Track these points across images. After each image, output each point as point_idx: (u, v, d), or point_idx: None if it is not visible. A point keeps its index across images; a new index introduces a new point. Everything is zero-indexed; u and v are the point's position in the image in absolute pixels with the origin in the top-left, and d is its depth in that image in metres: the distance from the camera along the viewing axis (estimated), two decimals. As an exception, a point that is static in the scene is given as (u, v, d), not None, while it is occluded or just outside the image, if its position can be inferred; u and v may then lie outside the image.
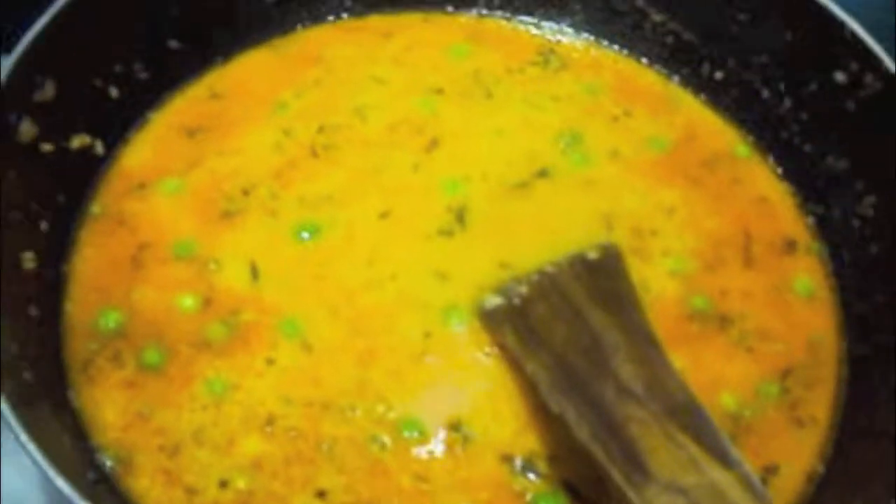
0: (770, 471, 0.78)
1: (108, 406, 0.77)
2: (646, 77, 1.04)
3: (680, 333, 0.84)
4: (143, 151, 0.93)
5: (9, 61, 0.80)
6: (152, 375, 0.79)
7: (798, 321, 0.87)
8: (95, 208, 0.88)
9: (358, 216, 0.89)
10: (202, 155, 0.92)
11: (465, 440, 0.77)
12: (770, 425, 0.81)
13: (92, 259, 0.85)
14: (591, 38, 1.06)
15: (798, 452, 0.80)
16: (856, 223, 0.90)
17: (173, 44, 0.97)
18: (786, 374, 0.83)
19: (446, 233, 0.88)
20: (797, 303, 0.88)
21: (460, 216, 0.89)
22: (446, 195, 0.91)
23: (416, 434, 0.77)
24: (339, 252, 0.86)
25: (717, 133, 1.00)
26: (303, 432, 0.77)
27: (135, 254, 0.85)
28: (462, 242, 0.88)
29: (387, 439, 0.77)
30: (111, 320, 0.81)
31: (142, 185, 0.90)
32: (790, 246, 0.92)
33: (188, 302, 0.83)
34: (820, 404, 0.83)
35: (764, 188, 0.96)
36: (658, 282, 0.87)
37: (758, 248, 0.91)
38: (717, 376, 0.82)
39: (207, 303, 0.83)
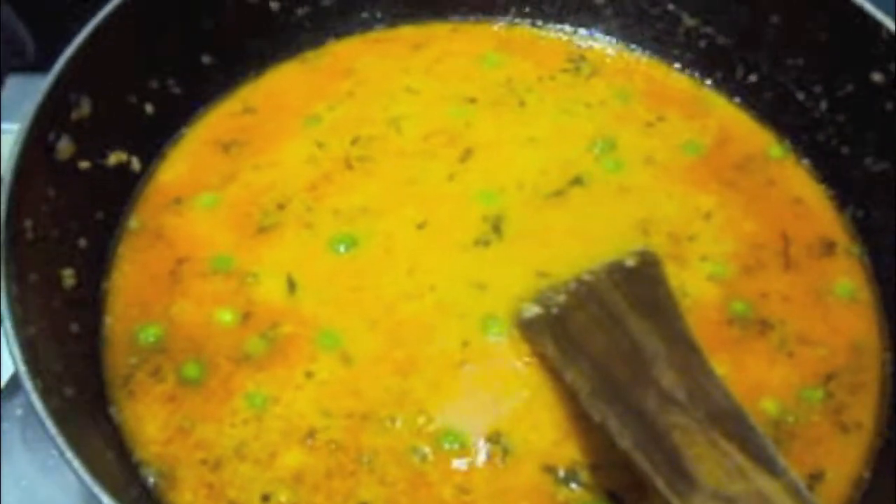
0: (815, 477, 0.77)
1: (149, 420, 0.77)
2: (677, 81, 1.04)
3: (720, 339, 0.83)
4: (178, 166, 0.94)
5: (46, 80, 0.80)
6: (192, 390, 0.79)
7: (840, 325, 0.86)
8: (133, 223, 0.89)
9: (394, 227, 0.89)
10: (237, 169, 0.93)
11: (506, 450, 0.77)
12: (814, 431, 0.80)
13: (131, 274, 0.86)
14: (622, 43, 1.06)
15: (844, 458, 0.79)
16: (896, 225, 0.89)
17: (206, 59, 0.97)
18: (829, 378, 0.82)
19: (483, 242, 0.88)
20: (838, 306, 0.87)
21: (496, 226, 0.89)
22: (482, 205, 0.90)
23: (456, 445, 0.77)
24: (376, 263, 0.86)
25: (751, 135, 1.00)
26: (343, 445, 0.76)
27: (173, 268, 0.86)
28: (499, 252, 0.88)
29: (427, 451, 0.76)
30: (150, 335, 0.82)
31: (178, 200, 0.91)
32: (829, 247, 0.91)
33: (227, 316, 0.83)
34: (865, 409, 0.81)
35: (799, 189, 0.95)
36: (697, 287, 0.86)
37: (796, 250, 0.90)
38: (759, 382, 0.81)
39: (246, 317, 0.83)
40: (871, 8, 0.88)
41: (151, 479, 0.75)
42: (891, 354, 0.85)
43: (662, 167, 0.95)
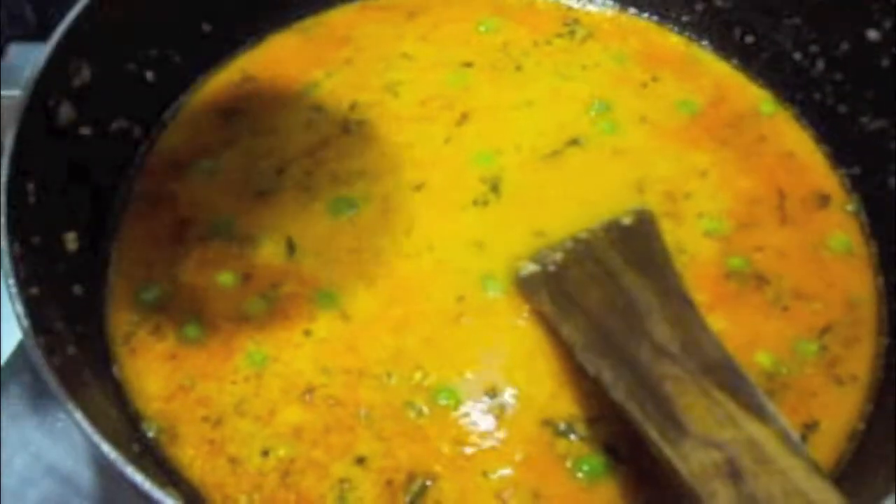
0: (810, 428, 0.78)
1: (150, 378, 0.79)
2: (675, 43, 1.04)
3: (717, 294, 0.84)
4: (179, 133, 0.95)
5: (46, 47, 0.81)
6: (193, 348, 0.80)
7: (835, 279, 0.86)
8: (135, 188, 0.91)
9: (392, 190, 0.89)
10: (237, 135, 0.94)
11: (504, 405, 0.78)
12: (808, 383, 0.80)
13: (133, 236, 0.87)
14: (617, 6, 1.06)
15: (838, 410, 0.79)
16: (893, 182, 0.89)
17: (206, 27, 0.98)
18: (823, 332, 0.83)
19: (481, 203, 0.89)
20: (833, 259, 0.88)
21: (494, 186, 0.90)
22: (479, 166, 0.91)
23: (451, 401, 0.77)
24: (374, 225, 0.87)
25: (743, 92, 1.00)
26: (341, 400, 0.78)
27: (175, 231, 0.87)
28: (497, 212, 0.89)
29: (423, 406, 0.77)
30: (152, 294, 0.83)
31: (179, 165, 0.92)
32: (823, 200, 0.91)
33: (227, 278, 0.84)
34: (860, 362, 0.82)
35: (790, 143, 0.96)
36: (694, 243, 0.87)
37: (791, 204, 0.90)
38: (755, 335, 0.82)
39: (246, 278, 0.84)
40: (864, -35, 0.88)
41: (153, 436, 0.76)
42: (886, 308, 0.85)
43: (657, 127, 0.95)
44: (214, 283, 0.84)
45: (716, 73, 1.01)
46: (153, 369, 0.79)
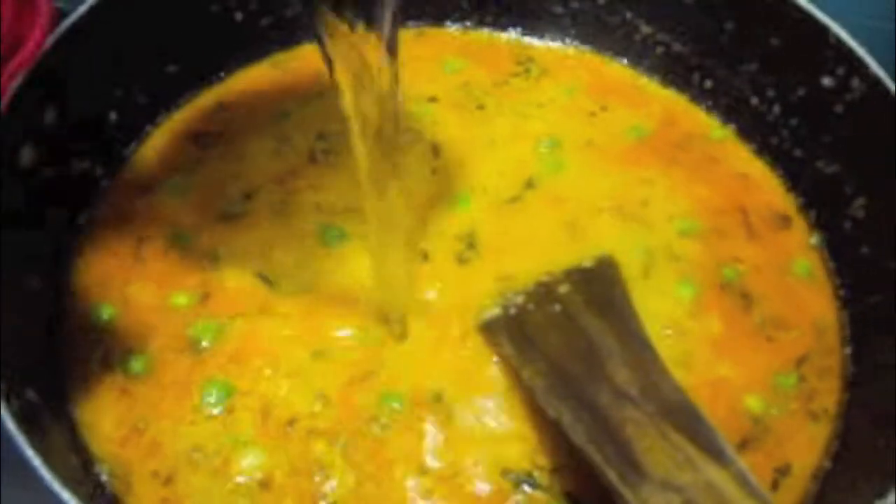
0: (783, 472, 0.78)
1: (105, 418, 0.78)
2: (626, 75, 1.06)
3: (714, 302, 0.87)
4: (147, 155, 0.95)
5: (9, 89, 0.81)
6: (142, 380, 0.80)
7: (803, 304, 0.88)
8: (99, 213, 0.90)
9: (357, 217, 0.88)
10: (205, 158, 0.94)
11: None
12: (790, 421, 0.81)
13: (94, 259, 0.87)
14: (575, 44, 1.08)
15: (809, 449, 0.80)
16: (847, 225, 0.91)
17: (171, 68, 0.98)
18: (801, 362, 0.84)
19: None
20: (799, 285, 0.89)
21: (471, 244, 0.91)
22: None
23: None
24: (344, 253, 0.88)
25: (694, 118, 1.03)
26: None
27: (135, 248, 0.87)
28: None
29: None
30: (105, 313, 0.83)
31: (146, 187, 0.92)
32: (785, 221, 0.94)
33: (182, 300, 0.84)
34: (830, 395, 0.83)
35: (743, 167, 0.98)
36: (679, 246, 0.90)
37: (756, 220, 0.93)
38: (750, 376, 0.83)
39: (203, 302, 0.84)
40: (818, 13, 0.90)
41: (108, 480, 0.75)
42: (848, 341, 0.87)
43: (603, 151, 0.97)
44: (168, 304, 0.83)
45: (665, 102, 1.04)
46: (106, 406, 0.78)
